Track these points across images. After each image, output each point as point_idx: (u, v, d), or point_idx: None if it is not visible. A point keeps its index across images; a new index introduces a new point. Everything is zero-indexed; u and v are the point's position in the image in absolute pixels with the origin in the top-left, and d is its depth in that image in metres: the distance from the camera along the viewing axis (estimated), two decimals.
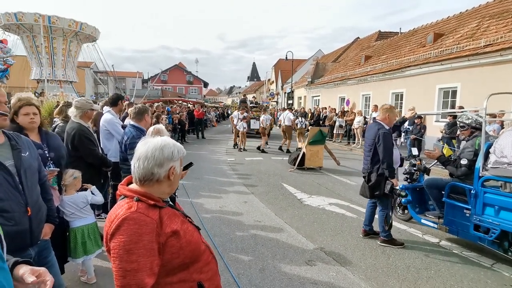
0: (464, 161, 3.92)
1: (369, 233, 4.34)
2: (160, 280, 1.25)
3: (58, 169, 2.71)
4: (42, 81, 26.62)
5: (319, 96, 25.57)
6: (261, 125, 13.31)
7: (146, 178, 1.27)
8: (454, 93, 12.22)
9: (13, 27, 26.32)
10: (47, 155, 2.60)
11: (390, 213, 4.09)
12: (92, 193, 3.11)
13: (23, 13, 25.59)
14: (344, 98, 20.49)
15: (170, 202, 1.41)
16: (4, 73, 11.57)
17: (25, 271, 1.04)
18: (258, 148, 12.43)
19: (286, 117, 12.72)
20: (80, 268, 3.15)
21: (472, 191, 3.70)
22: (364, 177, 4.19)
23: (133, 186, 1.33)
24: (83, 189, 3.07)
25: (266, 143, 14.52)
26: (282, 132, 13.15)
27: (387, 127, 4.02)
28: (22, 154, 1.82)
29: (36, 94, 15.91)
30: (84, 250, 2.94)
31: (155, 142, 1.30)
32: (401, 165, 4.29)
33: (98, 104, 6.28)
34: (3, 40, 12.44)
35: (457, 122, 4.46)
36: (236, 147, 13.15)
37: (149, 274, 1.17)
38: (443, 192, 4.12)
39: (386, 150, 3.85)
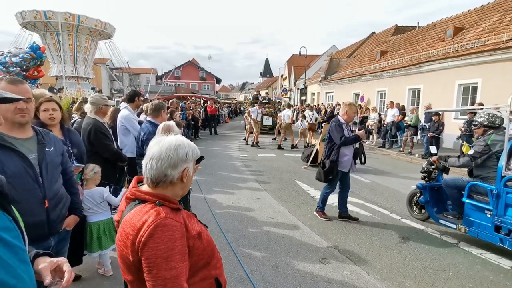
0: (471, 152, 3.88)
1: (344, 216, 4.82)
2: None
3: (84, 165, 2.76)
4: (60, 77, 27.37)
5: (332, 92, 25.24)
6: (309, 121, 13.21)
7: (158, 179, 1.20)
8: (474, 89, 11.82)
9: (23, 25, 27.17)
10: (71, 151, 2.65)
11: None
12: (115, 193, 3.17)
13: (26, 11, 26.37)
14: (359, 95, 20.16)
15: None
16: (35, 81, 12.01)
17: (44, 267, 1.05)
18: (308, 145, 12.34)
19: (313, 117, 13.11)
20: (98, 260, 3.23)
21: (494, 191, 3.57)
22: (318, 164, 4.68)
23: (146, 187, 1.26)
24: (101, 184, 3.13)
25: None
26: (308, 129, 13.06)
27: (341, 121, 4.58)
28: (46, 149, 1.90)
29: (55, 91, 16.35)
30: (99, 245, 3.01)
31: (169, 141, 1.21)
32: (355, 158, 4.66)
33: (114, 100, 6.40)
34: (42, 48, 12.79)
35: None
36: (253, 143, 12.96)
37: (185, 278, 1.15)
38: (462, 192, 4.00)
39: (334, 134, 4.48)
